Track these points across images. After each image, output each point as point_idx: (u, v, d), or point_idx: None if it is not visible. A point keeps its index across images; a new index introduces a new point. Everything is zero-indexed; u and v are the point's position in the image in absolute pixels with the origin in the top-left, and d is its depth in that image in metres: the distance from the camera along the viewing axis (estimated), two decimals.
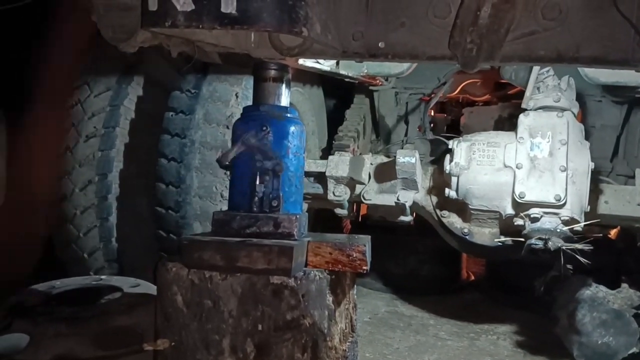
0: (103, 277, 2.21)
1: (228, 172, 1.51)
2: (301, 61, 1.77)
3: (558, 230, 2.05)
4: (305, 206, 2.71)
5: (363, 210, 3.39)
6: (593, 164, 2.17)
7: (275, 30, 1.08)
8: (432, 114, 3.81)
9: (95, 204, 2.42)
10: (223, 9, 1.05)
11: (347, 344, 1.45)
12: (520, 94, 2.42)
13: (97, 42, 2.38)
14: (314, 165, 2.58)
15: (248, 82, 1.54)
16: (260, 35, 1.30)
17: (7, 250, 2.21)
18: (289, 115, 1.46)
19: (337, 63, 2.43)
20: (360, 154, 3.14)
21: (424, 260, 3.61)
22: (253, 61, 1.45)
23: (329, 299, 1.36)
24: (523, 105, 2.31)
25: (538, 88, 2.31)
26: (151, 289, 1.98)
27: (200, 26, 1.08)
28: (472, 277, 3.87)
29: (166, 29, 1.15)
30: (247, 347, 1.30)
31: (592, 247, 2.02)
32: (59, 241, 2.49)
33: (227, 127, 2.12)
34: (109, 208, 2.43)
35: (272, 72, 1.44)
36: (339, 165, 2.47)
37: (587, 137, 2.96)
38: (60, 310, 1.86)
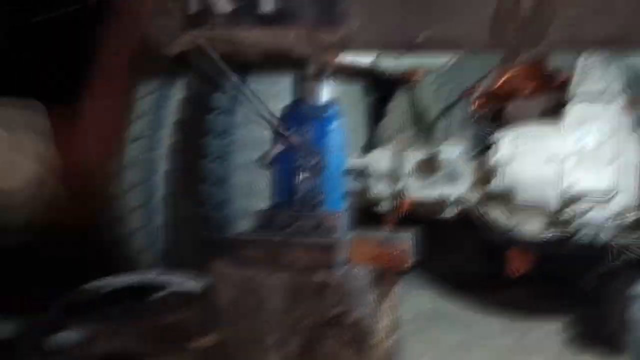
0: (152, 274, 2.27)
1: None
2: (340, 58, 1.77)
3: (608, 224, 1.99)
4: (348, 201, 2.71)
5: (405, 206, 3.36)
6: None
7: (313, 28, 1.08)
8: (475, 106, 3.74)
9: (142, 204, 2.48)
10: (261, 9, 1.06)
11: (392, 339, 1.45)
12: (567, 85, 2.36)
13: (143, 45, 2.44)
14: (355, 161, 2.58)
15: (288, 80, 1.55)
16: (300, 33, 1.30)
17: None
18: (329, 112, 1.47)
19: (377, 58, 2.42)
20: (403, 148, 3.13)
21: (469, 256, 3.56)
22: (293, 59, 1.47)
23: (372, 295, 1.36)
24: (569, 95, 2.26)
25: (585, 77, 2.25)
26: (198, 285, 2.03)
27: (239, 27, 1.10)
28: (520, 272, 3.78)
29: (206, 31, 1.17)
30: (292, 343, 1.32)
31: None
32: (109, 240, 2.57)
33: (269, 125, 2.13)
34: (156, 208, 2.48)
35: (312, 70, 1.45)
36: (380, 160, 2.46)
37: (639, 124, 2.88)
38: (114, 307, 1.92)
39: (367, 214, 3.02)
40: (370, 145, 3.03)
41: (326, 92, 1.50)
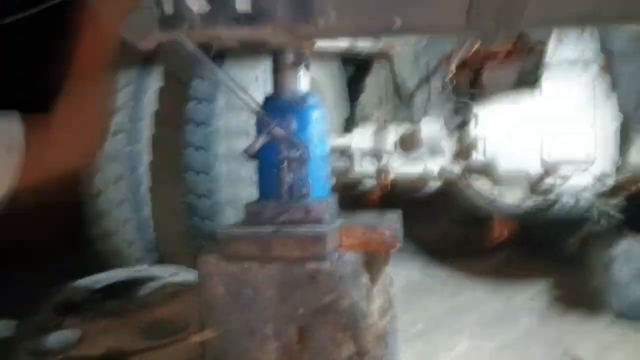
0: (143, 267, 2.28)
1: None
2: (318, 45, 1.76)
3: (589, 187, 2.03)
4: (332, 181, 2.73)
5: (389, 182, 3.39)
6: (622, 115, 2.13)
7: (290, 25, 1.08)
8: (454, 71, 3.74)
9: (129, 197, 2.48)
10: (238, 8, 1.05)
11: (386, 319, 1.48)
12: (540, 49, 2.37)
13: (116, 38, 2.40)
14: (338, 140, 2.59)
15: (267, 64, 1.54)
16: (277, 27, 1.29)
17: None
18: (310, 101, 1.47)
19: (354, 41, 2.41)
20: (384, 121, 3.13)
21: (456, 223, 3.60)
22: (271, 49, 1.46)
23: (365, 278, 1.39)
24: (546, 60, 2.27)
25: (561, 41, 2.27)
26: (190, 275, 2.04)
27: (216, 26, 1.09)
28: (506, 236, 3.84)
29: (182, 31, 1.16)
30: (289, 332, 1.34)
31: (625, 201, 2.00)
32: (98, 235, 2.56)
33: (250, 112, 2.13)
34: (143, 200, 2.48)
35: (290, 59, 1.44)
36: (363, 137, 2.48)
37: (616, 87, 2.91)
38: (107, 304, 1.93)
39: (351, 192, 3.05)
40: (351, 123, 3.03)
41: (306, 80, 1.49)
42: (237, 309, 1.37)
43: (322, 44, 1.83)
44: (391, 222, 1.43)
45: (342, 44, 2.11)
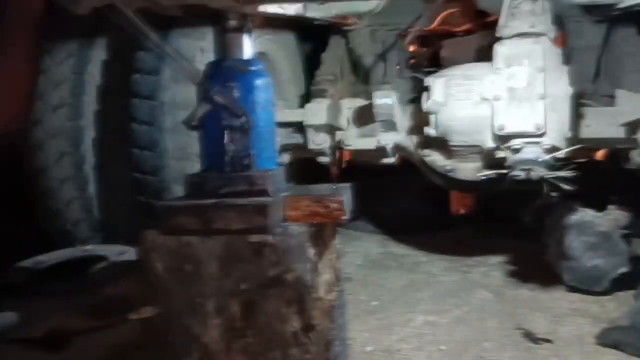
0: (89, 247, 2.21)
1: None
2: (263, 8, 1.71)
3: (540, 159, 2.04)
4: (287, 157, 2.68)
5: (347, 156, 3.36)
6: (573, 88, 2.14)
7: None
8: (412, 49, 3.72)
9: (72, 175, 2.39)
10: None
11: (333, 293, 1.45)
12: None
13: (51, 7, 2.30)
14: (292, 114, 2.54)
15: (212, 35, 1.48)
16: None
17: None
18: (254, 68, 1.41)
19: (305, 7, 2.35)
20: (340, 97, 3.09)
21: (413, 199, 3.61)
22: (213, 13, 1.39)
23: (311, 251, 1.35)
24: (498, 34, 2.25)
25: (513, 14, 2.25)
26: (135, 255, 1.98)
27: None
28: (463, 212, 3.88)
29: None
30: (232, 307, 1.30)
31: (575, 173, 2.01)
32: (42, 215, 2.47)
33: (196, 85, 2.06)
34: (87, 178, 2.40)
35: (232, 23, 1.38)
36: (316, 112, 2.43)
37: (569, 60, 2.91)
38: (48, 284, 1.86)
39: (308, 167, 3.01)
40: (306, 97, 2.98)
41: (249, 46, 1.43)
42: (178, 286, 1.32)
43: (269, 9, 1.77)
44: (338, 195, 1.38)
45: (289, 11, 2.05)
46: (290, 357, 1.29)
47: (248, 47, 1.43)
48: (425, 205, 3.62)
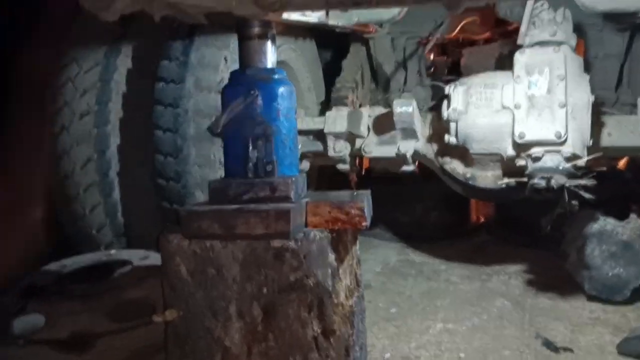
0: (113, 251, 2.25)
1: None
2: (286, 15, 1.73)
3: (560, 168, 2.03)
4: (307, 164, 2.71)
5: (366, 164, 3.38)
6: (594, 96, 2.13)
7: None
8: (432, 57, 3.74)
9: (97, 181, 2.43)
10: None
11: (353, 299, 1.46)
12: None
13: (79, 16, 2.36)
14: (312, 122, 2.56)
15: (236, 44, 1.51)
16: None
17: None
18: (276, 76, 1.44)
19: (327, 14, 2.37)
20: (359, 104, 3.11)
21: (432, 207, 3.62)
22: (236, 20, 1.42)
23: (331, 257, 1.36)
24: (519, 42, 2.26)
25: (533, 23, 2.25)
26: (160, 260, 2.01)
27: None
28: (482, 220, 3.88)
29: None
30: (253, 311, 1.32)
31: (595, 182, 2.00)
32: (67, 220, 2.52)
33: (219, 93, 2.09)
34: (111, 184, 2.44)
35: (255, 30, 1.41)
36: (337, 120, 2.45)
37: (589, 68, 2.90)
38: (73, 288, 1.90)
39: (330, 173, 3.03)
40: (327, 104, 3.01)
41: (272, 53, 1.46)
42: (200, 289, 1.34)
43: (291, 17, 1.79)
44: (359, 201, 1.40)
45: (312, 19, 2.07)
46: None
47: (271, 54, 1.45)
48: (444, 213, 3.61)
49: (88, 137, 2.42)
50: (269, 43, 1.43)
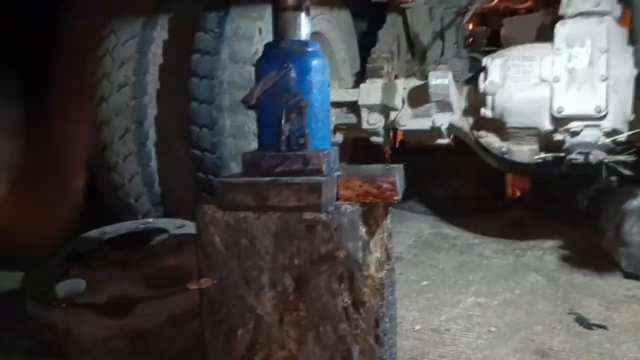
0: (150, 220, 2.31)
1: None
2: None
3: (599, 143, 1.99)
4: (340, 137, 2.71)
5: (400, 136, 3.35)
6: (637, 70, 2.06)
7: None
8: (471, 27, 3.66)
9: (135, 151, 2.49)
10: None
11: (384, 271, 1.48)
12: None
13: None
14: (346, 94, 2.55)
15: (270, 16, 1.50)
16: None
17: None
18: (310, 49, 1.43)
19: None
20: (395, 75, 3.08)
21: (467, 181, 3.58)
22: None
23: (362, 230, 1.37)
24: (560, 12, 2.19)
25: None
26: (195, 229, 2.06)
27: None
28: (518, 194, 3.83)
29: None
30: (285, 281, 1.34)
31: (635, 158, 1.95)
32: (106, 189, 2.59)
33: (253, 65, 2.10)
34: (149, 154, 2.49)
35: (290, 1, 1.40)
36: (371, 92, 2.43)
37: (636, 39, 2.80)
38: (113, 254, 1.96)
39: (364, 145, 3.02)
40: (361, 76, 2.98)
41: (307, 25, 1.45)
42: (233, 259, 1.37)
43: None
44: (390, 175, 1.40)
45: None
46: (340, 331, 1.33)
47: (305, 26, 1.44)
48: (479, 187, 3.58)
49: (126, 108, 2.47)
50: (303, 15, 1.42)
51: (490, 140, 2.34)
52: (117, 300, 1.72)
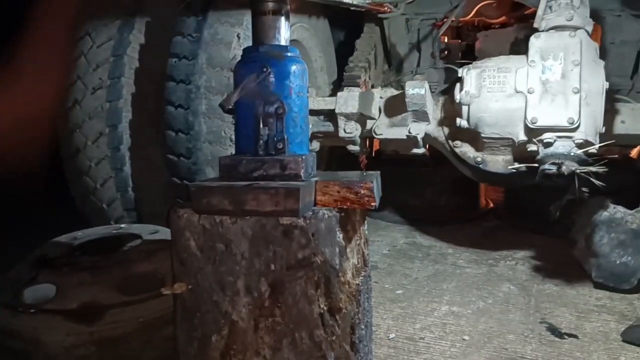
0: (123, 225, 2.27)
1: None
2: None
3: (572, 154, 2.02)
4: (317, 145, 2.71)
5: (376, 145, 3.37)
6: (607, 83, 2.11)
7: None
8: (446, 40, 3.71)
9: (108, 155, 2.45)
10: None
11: (360, 278, 1.47)
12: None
13: None
14: (323, 102, 2.56)
15: (249, 21, 1.50)
16: None
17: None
18: (289, 54, 1.43)
19: None
20: (372, 85, 3.10)
21: (442, 191, 3.61)
22: None
23: (339, 236, 1.37)
24: (535, 25, 2.23)
25: (550, 7, 2.22)
26: (169, 234, 2.03)
27: None
28: (491, 205, 3.87)
29: None
30: (261, 287, 1.33)
31: (606, 169, 1.99)
32: (78, 193, 2.54)
33: (231, 70, 2.10)
34: (122, 158, 2.46)
35: (270, 5, 1.40)
36: (348, 101, 2.44)
37: (606, 54, 2.87)
38: (84, 259, 1.91)
39: (340, 154, 3.03)
40: (338, 85, 3.00)
41: (286, 30, 1.45)
42: (208, 264, 1.35)
43: None
44: (368, 181, 1.40)
45: None
46: (315, 337, 1.32)
47: (285, 31, 1.44)
48: (454, 197, 3.61)
49: (100, 112, 2.43)
50: (282, 19, 1.42)
51: (465, 150, 2.36)
52: (87, 306, 1.69)
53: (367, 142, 2.75)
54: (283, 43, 1.44)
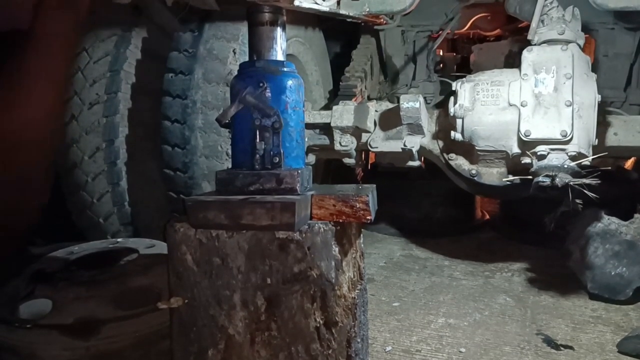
0: (119, 240, 2.27)
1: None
2: (298, 2, 1.74)
3: (565, 166, 2.03)
4: (313, 158, 2.72)
5: (372, 158, 3.39)
6: (600, 96, 2.13)
7: None
8: (441, 52, 3.74)
9: (105, 170, 2.46)
10: None
11: (356, 291, 1.48)
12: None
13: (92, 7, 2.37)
14: (319, 116, 2.57)
15: (245, 37, 1.51)
16: None
17: None
18: (285, 69, 1.44)
19: (338, 3, 2.37)
20: (368, 95, 3.12)
21: (438, 203, 3.63)
22: (246, 5, 1.43)
23: (335, 249, 1.38)
24: (529, 38, 2.25)
25: (542, 21, 2.25)
26: (166, 249, 2.03)
27: None
28: (487, 217, 3.88)
29: None
30: (257, 301, 1.33)
31: (600, 181, 2.00)
32: (74, 208, 2.54)
33: (227, 85, 2.11)
34: (119, 173, 2.46)
35: (266, 16, 1.42)
36: (343, 115, 2.45)
37: (599, 67, 2.89)
38: (80, 274, 1.91)
39: (336, 167, 3.04)
40: (334, 98, 3.02)
41: (282, 43, 1.46)
42: (205, 278, 1.35)
43: (302, 4, 1.79)
44: (363, 195, 1.41)
45: (323, 7, 2.06)
46: (312, 351, 1.32)
47: (281, 42, 1.45)
48: (450, 209, 3.63)
49: (97, 127, 2.44)
50: (279, 30, 1.44)
51: (460, 162, 2.38)
52: (83, 321, 1.68)
53: (363, 155, 2.76)
54: (280, 54, 1.45)
